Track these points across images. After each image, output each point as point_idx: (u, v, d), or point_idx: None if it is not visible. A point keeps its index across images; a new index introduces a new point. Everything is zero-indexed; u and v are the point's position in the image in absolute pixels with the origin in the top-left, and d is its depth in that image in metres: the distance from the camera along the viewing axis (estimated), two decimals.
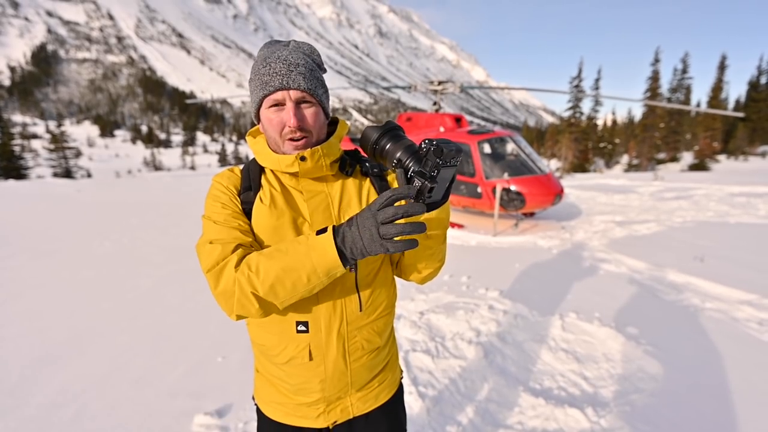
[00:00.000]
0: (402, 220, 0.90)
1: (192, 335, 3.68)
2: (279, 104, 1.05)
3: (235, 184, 1.15)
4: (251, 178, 1.15)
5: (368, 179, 1.24)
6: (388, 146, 0.93)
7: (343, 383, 1.18)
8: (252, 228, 1.11)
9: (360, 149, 1.27)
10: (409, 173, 0.88)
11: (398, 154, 0.90)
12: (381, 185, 1.23)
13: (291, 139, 1.06)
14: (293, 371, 1.16)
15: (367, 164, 1.24)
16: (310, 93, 1.05)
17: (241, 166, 1.21)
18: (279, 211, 1.09)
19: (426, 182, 0.85)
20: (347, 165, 1.21)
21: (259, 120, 1.13)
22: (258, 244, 1.10)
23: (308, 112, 1.07)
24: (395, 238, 0.85)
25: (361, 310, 1.16)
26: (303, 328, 1.12)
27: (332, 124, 1.22)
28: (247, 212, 1.11)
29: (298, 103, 1.05)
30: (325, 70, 1.15)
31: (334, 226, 0.93)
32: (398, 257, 1.25)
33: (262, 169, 1.17)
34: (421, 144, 0.87)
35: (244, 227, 1.08)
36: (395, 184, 1.25)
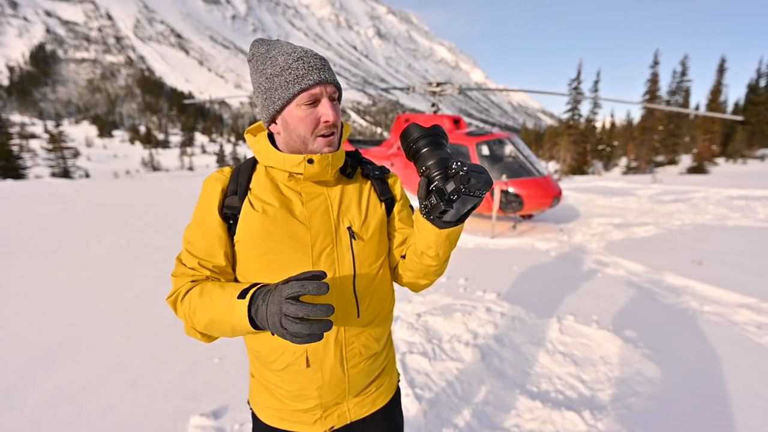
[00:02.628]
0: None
1: (188, 336, 3.66)
2: (315, 100, 1.02)
3: (224, 185, 1.11)
4: (239, 181, 1.11)
5: (369, 182, 1.22)
6: (424, 150, 0.92)
7: (340, 389, 1.16)
8: (234, 237, 1.09)
9: (360, 151, 1.27)
10: (431, 186, 0.88)
11: (430, 163, 0.90)
12: (382, 188, 1.22)
13: (323, 136, 1.04)
14: (290, 378, 1.14)
15: (368, 166, 1.22)
16: (338, 89, 1.06)
17: (234, 167, 1.17)
18: (271, 218, 1.06)
19: (440, 203, 0.84)
20: (348, 167, 1.19)
21: (272, 121, 1.08)
22: (231, 264, 1.12)
23: (337, 108, 1.06)
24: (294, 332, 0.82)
25: (358, 317, 1.15)
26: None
27: None
28: (229, 217, 1.09)
29: (330, 100, 1.04)
30: None
31: (253, 294, 0.92)
32: (398, 263, 1.24)
33: (252, 171, 1.13)
34: (454, 163, 0.85)
35: (212, 250, 1.08)
36: (396, 187, 1.25)
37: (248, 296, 0.92)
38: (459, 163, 0.83)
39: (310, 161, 1.04)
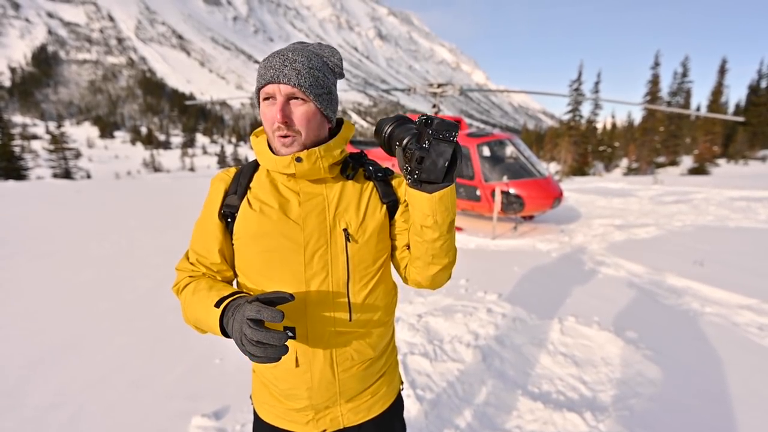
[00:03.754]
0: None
1: (189, 337, 3.66)
2: (271, 98, 1.03)
3: (226, 185, 1.16)
4: (240, 181, 1.15)
5: (371, 183, 1.19)
6: (394, 132, 0.97)
7: (330, 393, 1.15)
8: (233, 235, 1.13)
9: (366, 152, 1.27)
10: (406, 150, 0.92)
11: (400, 136, 0.94)
12: (385, 190, 1.19)
13: (281, 136, 1.04)
14: (281, 376, 1.15)
15: (371, 168, 1.20)
16: (301, 89, 1.01)
17: (240, 167, 1.20)
18: (267, 217, 1.08)
19: (415, 151, 0.87)
20: (349, 168, 1.17)
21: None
22: (229, 261, 1.17)
23: (298, 109, 1.03)
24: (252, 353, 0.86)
25: (350, 320, 1.13)
26: (290, 334, 1.07)
27: (338, 125, 1.18)
28: (228, 215, 1.13)
29: (288, 99, 1.02)
30: (341, 75, 1.13)
31: (226, 306, 0.96)
32: (406, 263, 1.20)
33: (254, 172, 1.16)
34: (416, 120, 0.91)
35: (208, 247, 1.15)
36: (400, 189, 1.22)
37: (221, 307, 0.96)
38: (420, 116, 0.88)
39: (299, 159, 1.04)
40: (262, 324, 0.86)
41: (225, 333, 0.95)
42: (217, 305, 0.97)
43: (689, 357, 3.31)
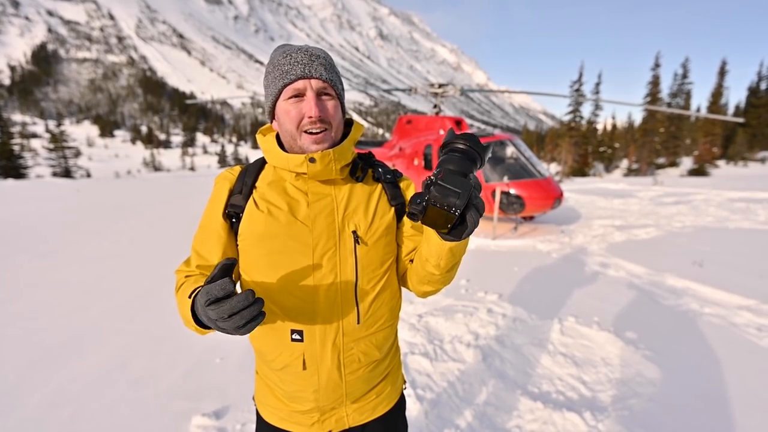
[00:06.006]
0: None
1: (190, 336, 3.65)
2: (299, 94, 1.02)
3: (231, 184, 1.14)
4: (245, 181, 1.13)
5: (380, 185, 1.19)
6: (444, 156, 0.86)
7: (337, 395, 1.15)
8: (238, 236, 1.11)
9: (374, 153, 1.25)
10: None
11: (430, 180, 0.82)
12: (393, 192, 1.18)
13: (309, 132, 1.03)
14: (288, 378, 1.14)
15: (380, 169, 1.19)
16: (331, 84, 1.04)
17: (244, 166, 1.19)
18: (275, 218, 1.06)
19: (412, 204, 0.80)
20: (359, 169, 1.17)
21: (272, 117, 1.10)
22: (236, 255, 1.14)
23: (329, 104, 1.05)
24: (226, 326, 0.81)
25: (358, 323, 1.13)
26: (297, 337, 1.09)
27: (347, 125, 1.18)
28: (232, 215, 1.11)
29: (318, 95, 1.03)
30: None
31: (196, 296, 0.90)
32: (407, 269, 1.21)
33: (259, 171, 1.15)
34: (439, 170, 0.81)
35: (210, 247, 1.12)
36: (408, 192, 1.22)
37: (192, 298, 0.94)
38: (437, 171, 0.79)
39: (312, 160, 1.03)
40: (223, 299, 0.80)
41: (200, 324, 0.94)
42: (190, 296, 0.97)
43: (688, 357, 3.32)
